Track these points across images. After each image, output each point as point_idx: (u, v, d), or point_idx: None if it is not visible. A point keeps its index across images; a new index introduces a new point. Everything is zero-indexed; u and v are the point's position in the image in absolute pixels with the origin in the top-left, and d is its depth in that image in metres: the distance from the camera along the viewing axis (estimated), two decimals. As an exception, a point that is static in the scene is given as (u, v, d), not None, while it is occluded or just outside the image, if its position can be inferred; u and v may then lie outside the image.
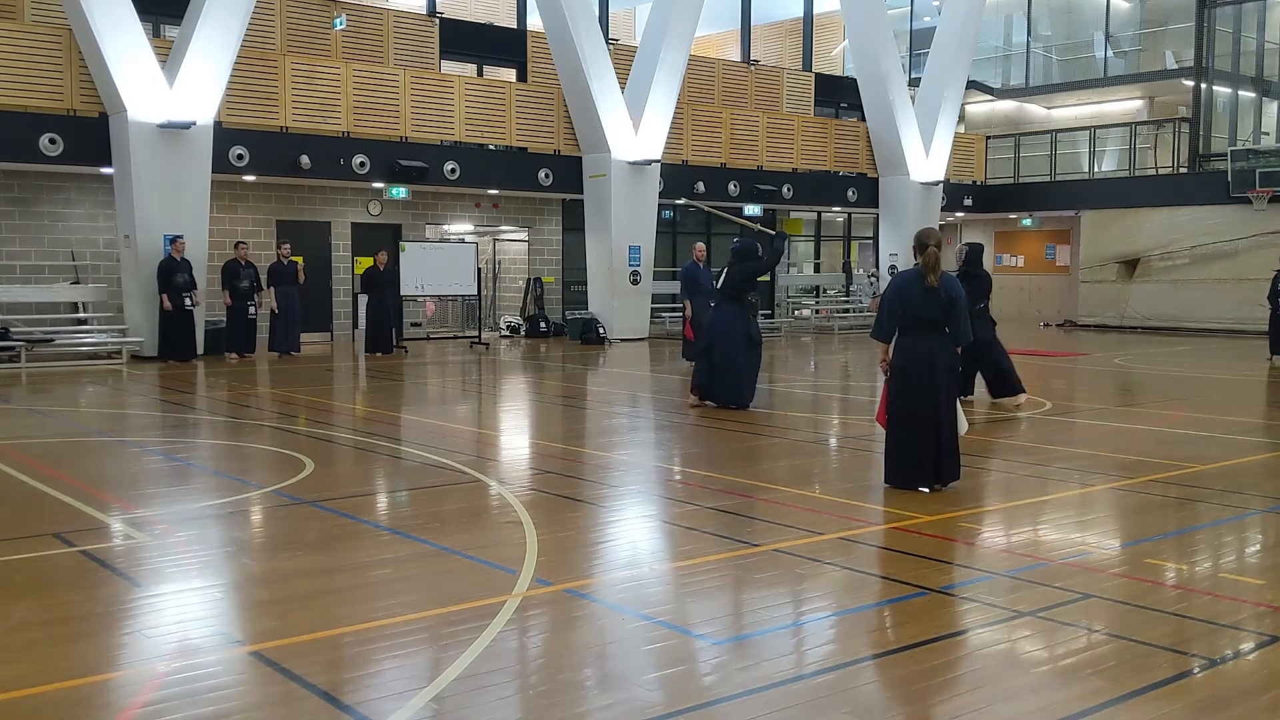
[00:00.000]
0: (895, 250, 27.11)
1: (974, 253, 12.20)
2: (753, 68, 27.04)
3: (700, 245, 17.35)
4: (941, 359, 7.30)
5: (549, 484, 7.80)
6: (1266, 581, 5.47)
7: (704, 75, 25.76)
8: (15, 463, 8.28)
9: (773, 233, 12.60)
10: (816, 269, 30.04)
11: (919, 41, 31.38)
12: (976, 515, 6.94)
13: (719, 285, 12.05)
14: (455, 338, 22.88)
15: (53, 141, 16.41)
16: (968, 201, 29.44)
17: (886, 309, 7.41)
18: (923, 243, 7.28)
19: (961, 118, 30.30)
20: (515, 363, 18.16)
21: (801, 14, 28.66)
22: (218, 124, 17.46)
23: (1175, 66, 28.57)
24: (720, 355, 11.45)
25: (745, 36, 28.07)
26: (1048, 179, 29.95)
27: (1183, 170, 27.81)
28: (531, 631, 4.67)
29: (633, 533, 6.54)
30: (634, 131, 21.67)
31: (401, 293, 19.78)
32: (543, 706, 3.82)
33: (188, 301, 16.75)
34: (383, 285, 18.94)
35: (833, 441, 10.16)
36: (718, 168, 24.17)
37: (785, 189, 25.04)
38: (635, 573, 5.57)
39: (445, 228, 23.32)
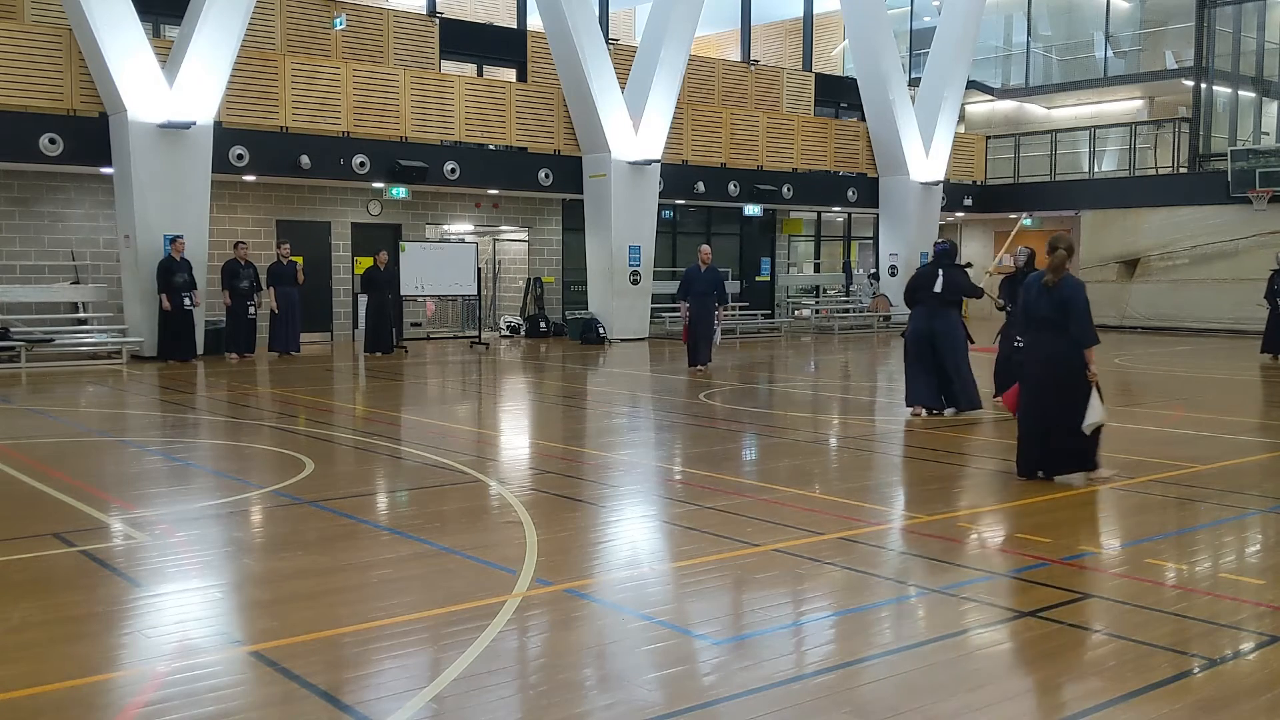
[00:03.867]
0: (895, 250, 27.12)
1: (1033, 256, 12.59)
2: (753, 68, 27.05)
3: (705, 247, 16.97)
4: (1053, 358, 7.56)
5: (549, 484, 7.80)
6: (1266, 581, 5.47)
7: (704, 75, 25.77)
8: (15, 463, 8.28)
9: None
10: (816, 269, 30.05)
11: (919, 41, 31.38)
12: (976, 515, 6.95)
13: (938, 290, 10.97)
14: (455, 338, 22.88)
15: (53, 141, 16.41)
16: (968, 201, 29.44)
17: (1019, 310, 8.02)
18: (1052, 246, 7.64)
19: (961, 118, 30.30)
20: (515, 363, 18.16)
21: (801, 14, 28.67)
22: (218, 124, 17.46)
23: (1175, 66, 28.57)
24: (954, 361, 10.97)
25: (745, 36, 28.08)
26: (1048, 179, 29.95)
27: (1183, 170, 27.81)
28: (531, 631, 4.67)
29: (633, 533, 6.55)
30: (634, 131, 21.68)
31: (401, 293, 19.78)
32: (543, 706, 3.82)
33: (187, 301, 16.74)
34: (383, 285, 18.94)
35: (833, 441, 10.16)
36: (718, 168, 24.17)
37: (785, 189, 25.05)
38: (635, 573, 5.57)
39: (445, 228, 23.32)
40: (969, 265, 11.60)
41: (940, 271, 11.03)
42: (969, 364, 11.18)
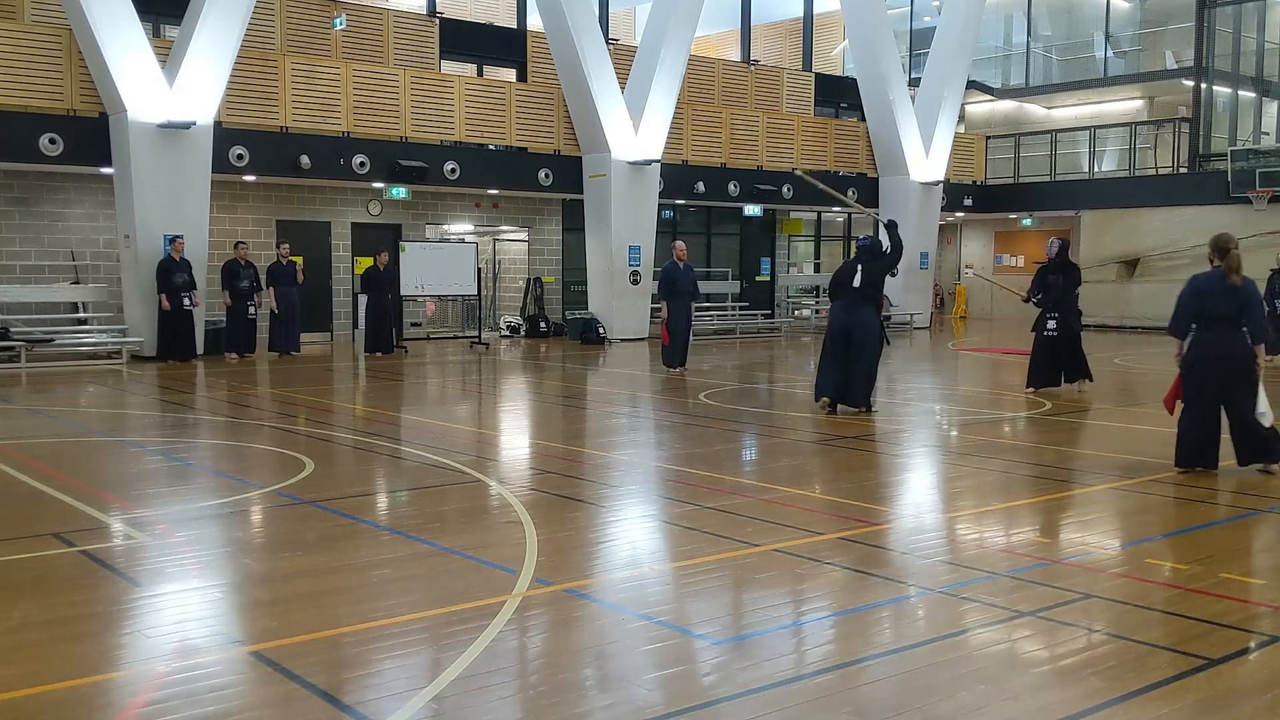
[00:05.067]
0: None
1: (1065, 246, 13.17)
2: (753, 68, 27.05)
3: (680, 244, 16.40)
4: (1230, 353, 7.83)
5: (549, 484, 7.80)
6: (1266, 581, 5.47)
7: (704, 75, 25.77)
8: (15, 463, 8.28)
9: (879, 216, 12.58)
10: (816, 269, 30.04)
11: (919, 41, 31.40)
12: (976, 515, 6.95)
13: (856, 285, 11.04)
14: (455, 338, 22.88)
15: (53, 141, 16.41)
16: (968, 201, 29.45)
17: (1182, 308, 8.02)
18: (1224, 247, 7.88)
19: (961, 118, 30.30)
20: (515, 363, 18.16)
21: (801, 14, 28.68)
22: (218, 124, 17.46)
23: (1175, 66, 28.58)
24: (861, 357, 11.05)
25: (745, 36, 28.08)
26: (1048, 179, 29.95)
27: (1183, 170, 27.81)
28: (531, 631, 4.67)
29: (633, 533, 6.54)
30: (634, 131, 21.68)
31: (401, 293, 19.78)
32: (543, 706, 3.82)
33: (186, 301, 16.74)
34: (383, 285, 18.95)
35: (832, 441, 10.15)
36: (718, 168, 24.17)
37: (785, 189, 25.05)
38: (635, 573, 5.56)
39: (445, 228, 23.33)
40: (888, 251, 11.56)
41: (860, 267, 11.09)
42: (875, 365, 11.22)
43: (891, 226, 11.67)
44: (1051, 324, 12.82)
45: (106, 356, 17.21)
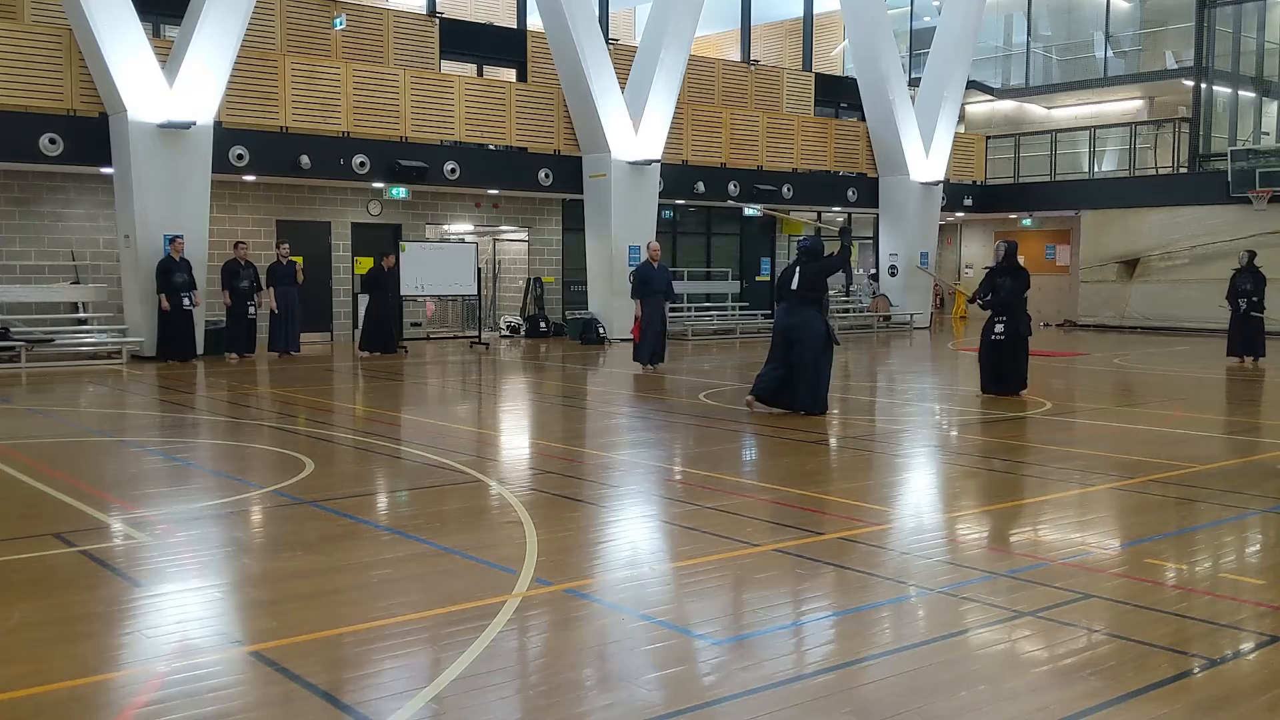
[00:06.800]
0: (895, 250, 27.11)
1: (1012, 249, 13.06)
2: (753, 68, 27.05)
3: (655, 244, 16.69)
4: None
5: (549, 484, 7.80)
6: (1266, 581, 5.47)
7: (704, 75, 25.77)
8: (15, 463, 8.28)
9: (836, 229, 12.53)
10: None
11: (919, 41, 31.40)
12: (977, 515, 6.95)
13: (794, 287, 11.00)
14: (455, 338, 22.88)
15: (53, 141, 16.41)
16: (968, 201, 29.44)
17: None
18: None
19: (961, 118, 30.30)
20: (515, 363, 18.16)
21: (801, 14, 28.68)
22: (218, 124, 17.46)
23: (1175, 66, 28.59)
24: (801, 359, 10.97)
25: (745, 36, 28.08)
26: (1048, 179, 29.96)
27: (1183, 170, 27.81)
28: (531, 631, 4.67)
29: (633, 533, 6.54)
30: (634, 131, 21.68)
31: (401, 293, 19.78)
32: (543, 706, 3.82)
33: (186, 302, 16.74)
34: (384, 286, 18.94)
35: (833, 441, 10.16)
36: (718, 168, 24.17)
37: (785, 189, 25.05)
38: (635, 573, 5.56)
39: (445, 228, 23.33)
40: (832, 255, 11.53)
41: (798, 269, 11.07)
42: (825, 365, 11.15)
43: (843, 234, 11.80)
44: (999, 328, 12.64)
45: (106, 356, 17.21)
